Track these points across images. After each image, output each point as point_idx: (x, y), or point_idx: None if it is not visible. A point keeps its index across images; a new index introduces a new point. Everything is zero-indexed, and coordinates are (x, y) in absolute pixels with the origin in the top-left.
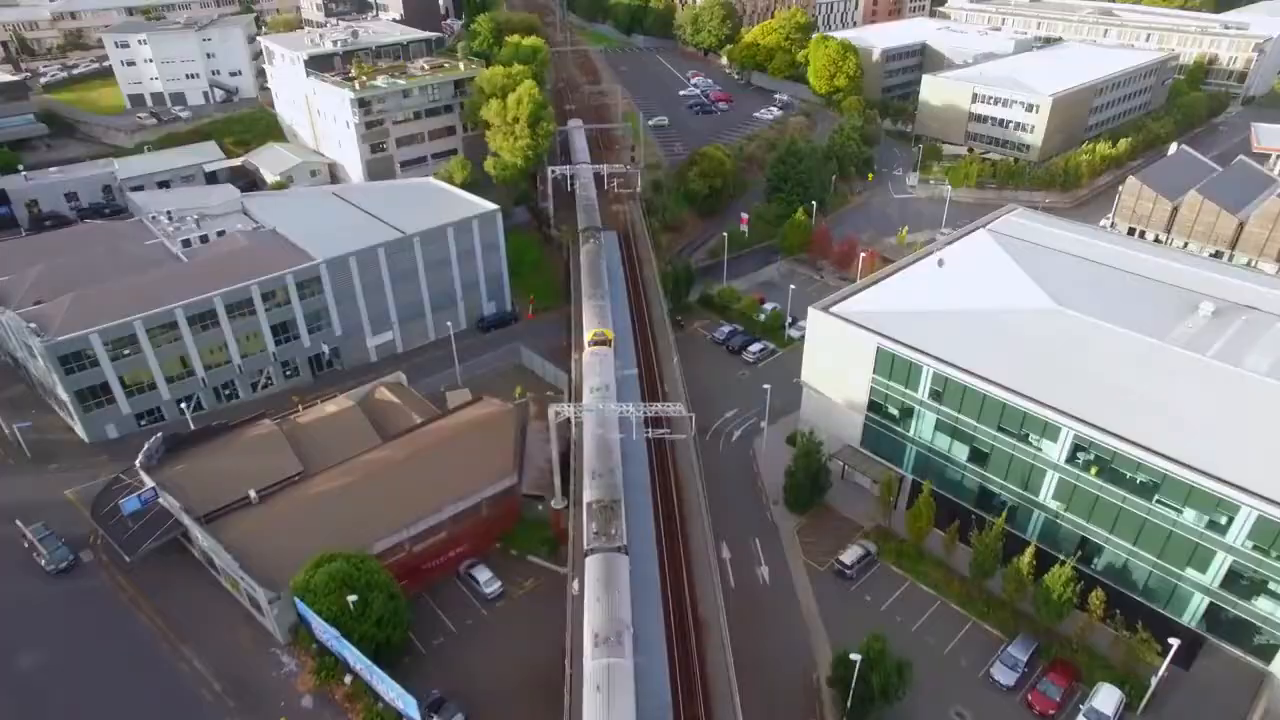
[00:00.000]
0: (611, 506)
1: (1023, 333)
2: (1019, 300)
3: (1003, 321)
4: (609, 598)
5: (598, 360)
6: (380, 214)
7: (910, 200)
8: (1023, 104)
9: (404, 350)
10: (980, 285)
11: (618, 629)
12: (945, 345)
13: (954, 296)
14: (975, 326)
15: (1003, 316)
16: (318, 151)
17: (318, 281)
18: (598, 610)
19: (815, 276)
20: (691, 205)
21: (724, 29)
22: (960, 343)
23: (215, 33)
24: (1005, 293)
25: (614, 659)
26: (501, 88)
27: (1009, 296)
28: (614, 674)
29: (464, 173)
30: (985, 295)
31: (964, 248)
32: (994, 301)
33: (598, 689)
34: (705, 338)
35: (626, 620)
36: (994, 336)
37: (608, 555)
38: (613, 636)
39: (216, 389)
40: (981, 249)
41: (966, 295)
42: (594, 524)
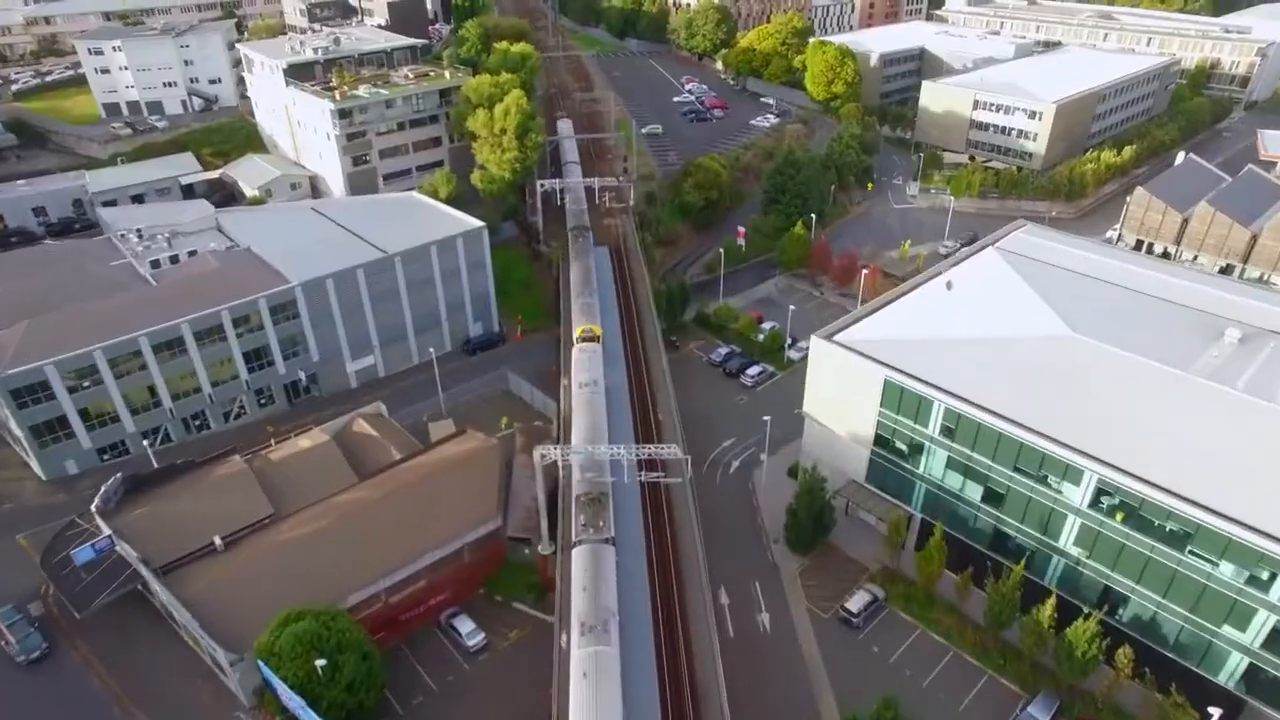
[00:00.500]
0: (600, 499)
1: (1037, 362)
2: (1032, 326)
3: (1016, 350)
4: (595, 587)
5: (586, 357)
6: (361, 231)
7: (911, 210)
8: (1025, 111)
9: (386, 374)
10: (991, 309)
11: (604, 617)
12: (956, 377)
13: (964, 322)
14: (987, 355)
15: (1016, 344)
16: (298, 163)
17: (293, 305)
18: (584, 599)
19: (815, 293)
20: (686, 218)
21: (719, 33)
22: (972, 374)
23: (193, 39)
24: (1017, 318)
25: (600, 647)
26: (488, 97)
27: (1021, 322)
28: (600, 661)
29: (449, 186)
30: (996, 320)
31: (972, 268)
32: (1006, 327)
33: (584, 676)
34: (701, 359)
35: (613, 608)
36: (1007, 366)
37: (594, 546)
38: (599, 625)
39: (186, 420)
40: (991, 269)
41: (977, 321)
42: (582, 516)
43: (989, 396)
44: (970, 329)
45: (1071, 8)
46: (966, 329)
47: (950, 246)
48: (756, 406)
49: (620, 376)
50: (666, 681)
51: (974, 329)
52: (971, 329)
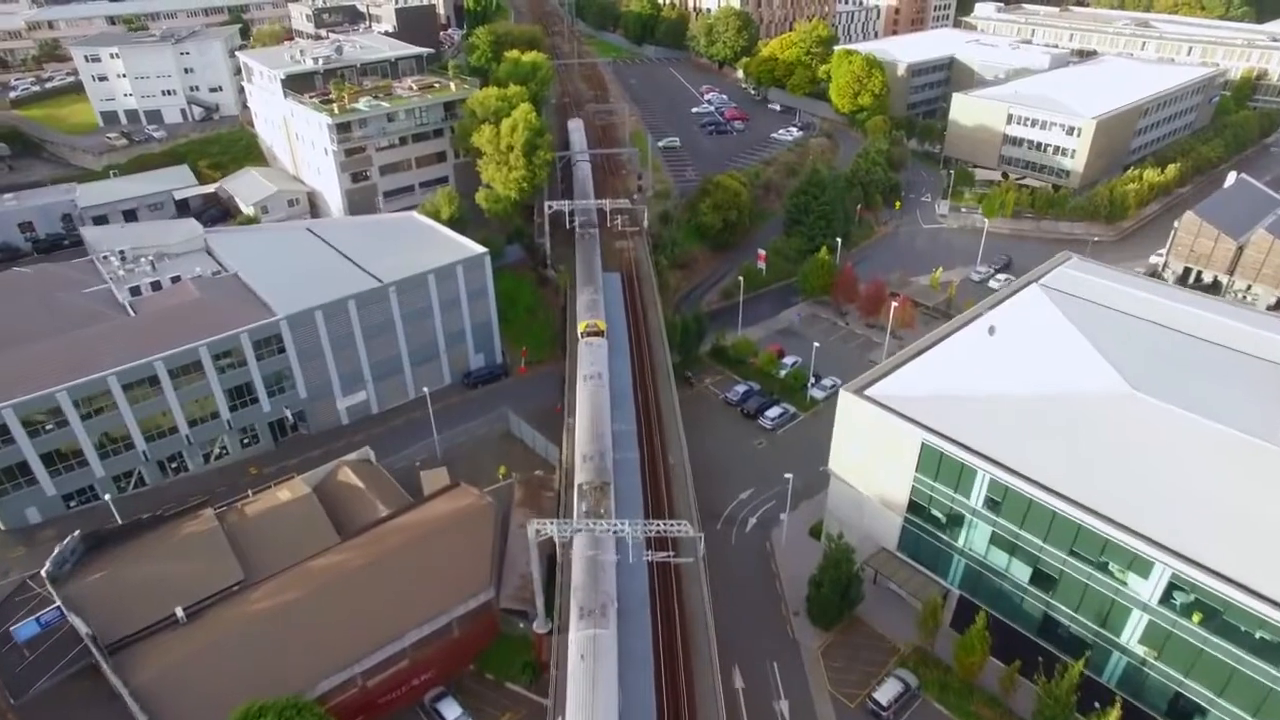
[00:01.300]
0: (602, 488)
1: (1093, 424)
2: (1085, 380)
3: (1069, 409)
4: (594, 573)
5: (590, 351)
6: (356, 256)
7: (941, 231)
8: (1062, 126)
9: (380, 410)
10: (1038, 359)
11: (603, 602)
12: (1002, 441)
13: (1009, 374)
14: (1036, 415)
15: (1068, 403)
16: (297, 178)
17: (278, 339)
18: (583, 585)
19: (839, 323)
20: (703, 240)
21: (740, 41)
22: (1019, 437)
23: (193, 46)
24: (1068, 370)
25: (599, 630)
26: (495, 111)
27: (1073, 376)
28: (598, 644)
29: (451, 207)
30: (1045, 373)
31: (1015, 308)
32: (1056, 381)
33: (582, 658)
34: (717, 397)
35: (611, 594)
36: (1059, 429)
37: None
38: (597, 609)
39: (162, 462)
40: (1036, 311)
41: (1023, 372)
42: (584, 504)
43: (1040, 466)
44: (1016, 382)
45: (1106, 15)
46: (1012, 382)
47: (983, 272)
48: (777, 452)
49: (628, 419)
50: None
51: (1020, 382)
52: (1017, 382)
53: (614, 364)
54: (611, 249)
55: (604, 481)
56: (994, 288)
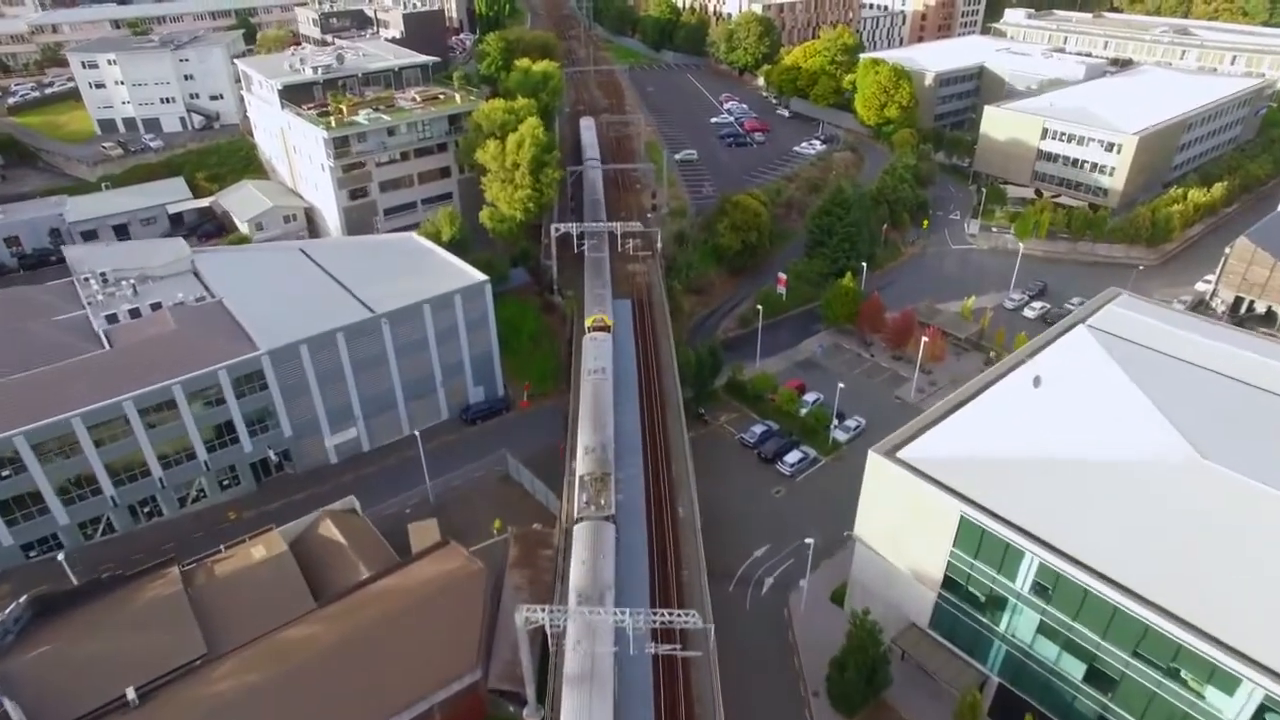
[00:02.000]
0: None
1: (1158, 499)
2: (1147, 445)
3: (1128, 480)
4: (594, 561)
5: (595, 345)
6: (349, 281)
7: (970, 253)
8: (1101, 142)
9: (372, 448)
10: (1091, 417)
11: (601, 590)
12: (1052, 515)
13: (1058, 435)
14: (1091, 486)
15: (1127, 472)
16: (295, 191)
17: (260, 375)
18: (582, 572)
19: (864, 354)
20: (720, 262)
21: (761, 47)
22: (1072, 512)
23: (193, 53)
24: (1125, 431)
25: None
26: (501, 126)
27: (1133, 438)
28: (595, 629)
29: (452, 228)
30: (1099, 434)
31: (1062, 354)
32: (1112, 445)
33: (579, 642)
34: (733, 437)
35: (609, 581)
36: (1118, 504)
37: (595, 522)
38: (595, 596)
39: (133, 507)
40: (1085, 358)
41: (1074, 433)
42: (584, 495)
43: (1097, 548)
44: (1066, 444)
45: (1142, 21)
46: (1062, 444)
47: (1018, 300)
48: (796, 503)
49: (635, 462)
50: None
51: (1071, 444)
52: (1068, 444)
53: (621, 401)
54: (623, 272)
55: (605, 473)
56: (1029, 316)
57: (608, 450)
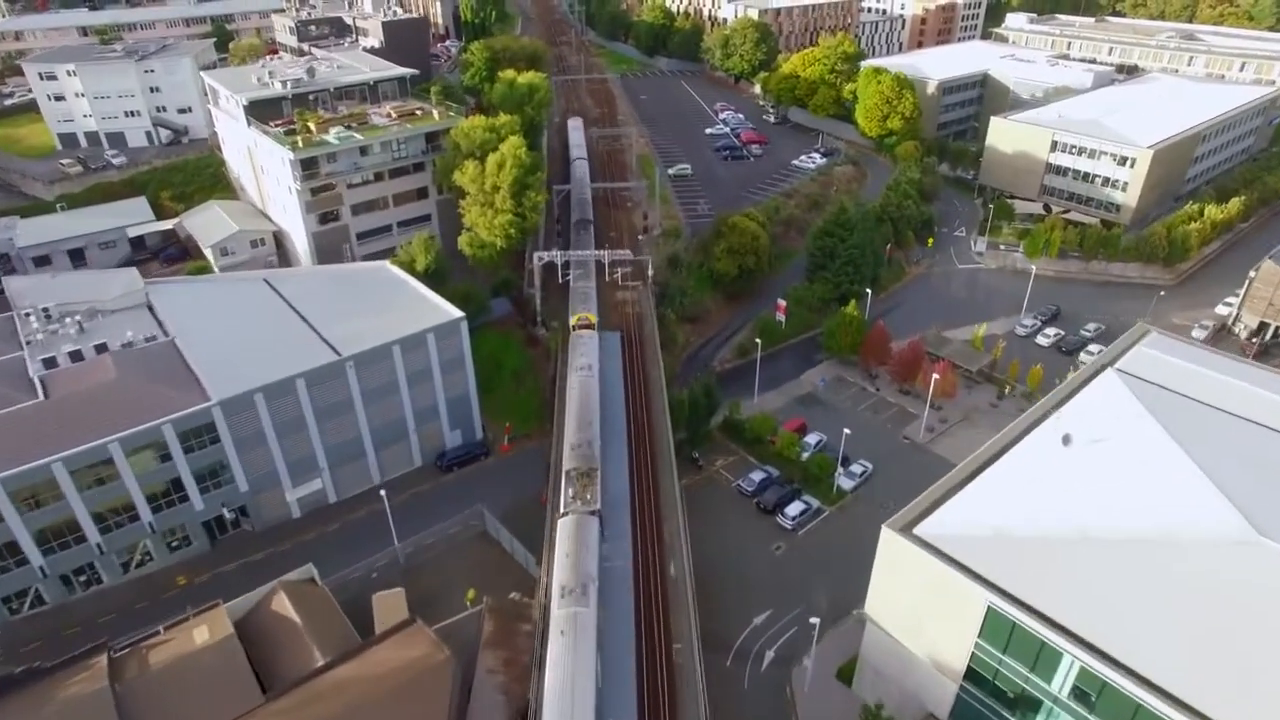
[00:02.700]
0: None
1: (1214, 587)
2: (1196, 518)
3: (1178, 562)
4: (578, 554)
5: (580, 343)
6: (314, 317)
7: (978, 273)
8: (1114, 156)
9: (339, 499)
10: (1130, 484)
11: (583, 581)
12: (1091, 604)
13: (1093, 506)
14: (1135, 569)
15: (1177, 552)
16: (265, 212)
17: (210, 428)
18: (566, 565)
19: (869, 388)
20: (716, 287)
21: (758, 54)
22: (1115, 602)
23: (159, 63)
24: (1171, 502)
25: (578, 608)
26: (481, 145)
27: (1179, 510)
28: (577, 621)
29: (428, 256)
30: (1141, 505)
31: (1092, 405)
32: (1157, 520)
33: (562, 633)
34: (729, 484)
35: (593, 573)
36: (1168, 592)
37: (580, 517)
38: (578, 588)
39: (66, 576)
40: (1117, 410)
41: (1112, 504)
42: (570, 490)
43: (1146, 650)
44: (1104, 517)
45: (1147, 26)
46: (1099, 517)
47: (1030, 325)
48: (798, 560)
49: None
50: None
51: (1110, 517)
52: (1106, 518)
53: (609, 452)
54: (611, 301)
55: (591, 468)
56: (1042, 344)
57: (594, 446)
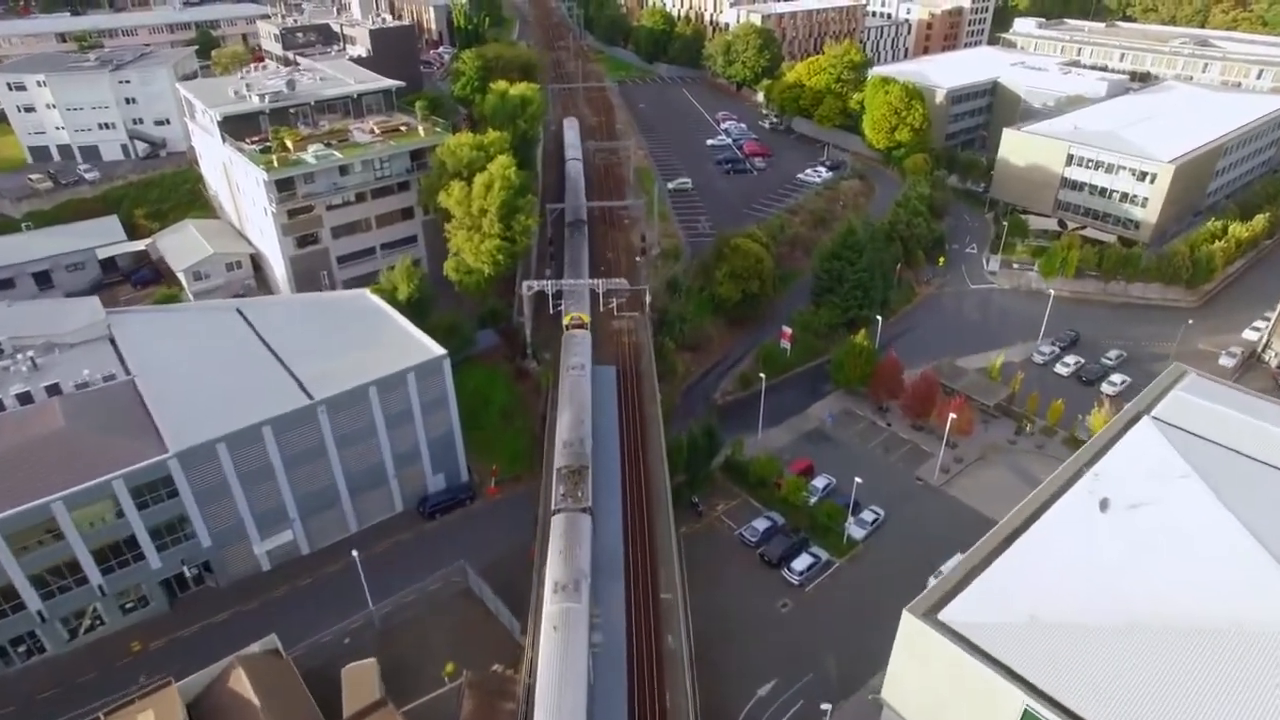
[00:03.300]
0: (580, 472)
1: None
2: (1257, 604)
3: (1246, 656)
4: (571, 551)
5: (574, 342)
6: (287, 353)
7: (991, 294)
8: (1133, 171)
9: (313, 550)
10: (1179, 557)
11: (576, 578)
12: (1143, 707)
13: (1139, 583)
14: (1195, 664)
15: (1244, 645)
16: (243, 233)
17: (167, 482)
18: (559, 562)
19: (880, 423)
20: (718, 312)
21: (761, 61)
22: (1172, 706)
23: (134, 74)
24: (1227, 582)
25: (571, 604)
26: (468, 164)
27: (1236, 593)
28: (570, 617)
29: (410, 285)
30: (1194, 583)
31: (1129, 461)
32: (1214, 601)
33: (555, 629)
34: (731, 533)
35: (585, 570)
36: (1237, 693)
37: (572, 514)
38: (571, 584)
39: (3, 647)
40: (1158, 467)
41: (1161, 582)
42: (562, 487)
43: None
44: (1152, 600)
45: (1159, 32)
46: (1149, 599)
47: (1048, 353)
48: (806, 620)
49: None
50: None
51: (1158, 599)
52: (1154, 600)
53: (602, 502)
54: (607, 330)
55: (582, 465)
56: (1061, 374)
57: (585, 444)
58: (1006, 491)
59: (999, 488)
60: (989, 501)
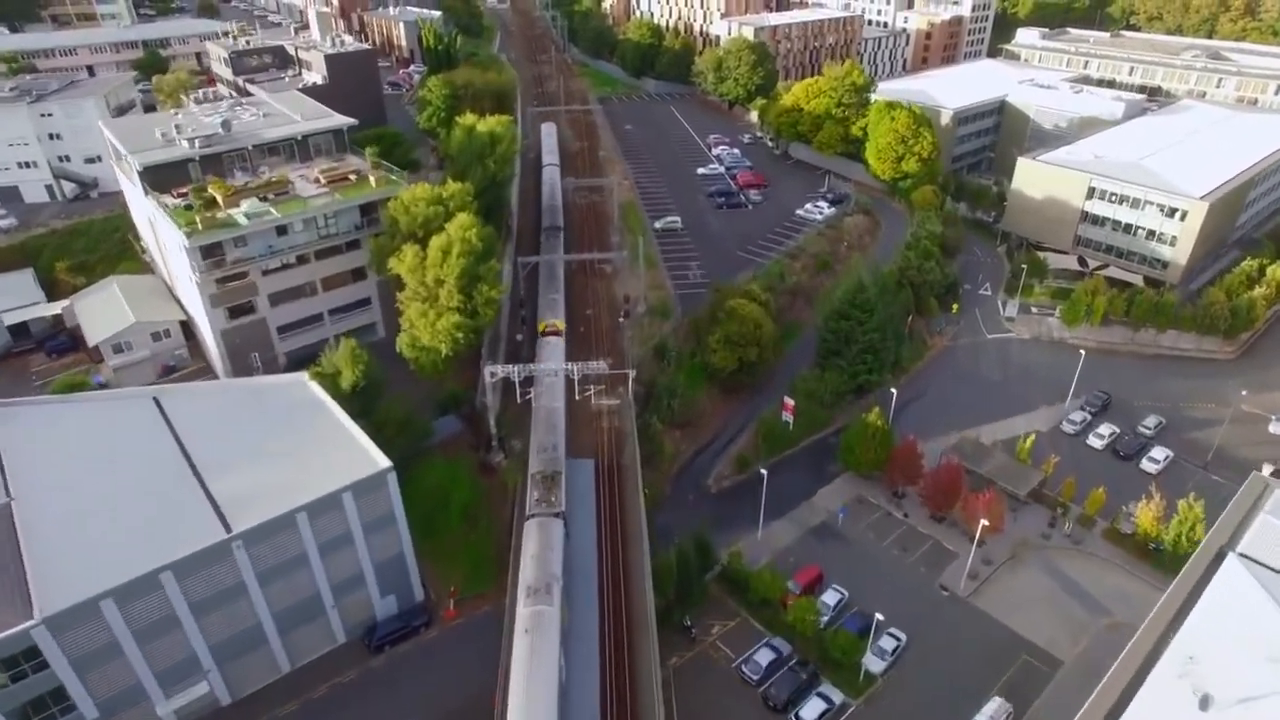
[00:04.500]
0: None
1: None
2: None
3: None
4: (543, 555)
5: (548, 348)
6: (206, 462)
7: (1010, 344)
8: (1161, 207)
9: (236, 699)
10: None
11: (547, 581)
12: None
13: None
14: None
15: None
16: (175, 293)
17: (35, 653)
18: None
19: (896, 514)
20: (711, 380)
21: (755, 78)
22: None
23: (58, 106)
24: None
25: (543, 606)
26: (424, 223)
27: None
28: (541, 619)
29: (355, 371)
30: None
31: (1221, 625)
32: None
33: (526, 632)
34: (728, 665)
35: (557, 574)
36: None
37: (545, 519)
38: (542, 588)
39: None
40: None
41: None
42: (536, 492)
43: None
44: None
45: (1167, 42)
46: None
47: (1079, 421)
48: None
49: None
50: None
51: None
52: None
53: (575, 646)
54: (585, 414)
55: (555, 471)
56: (1095, 446)
57: (559, 450)
58: (1045, 603)
59: (1036, 598)
60: (1026, 617)
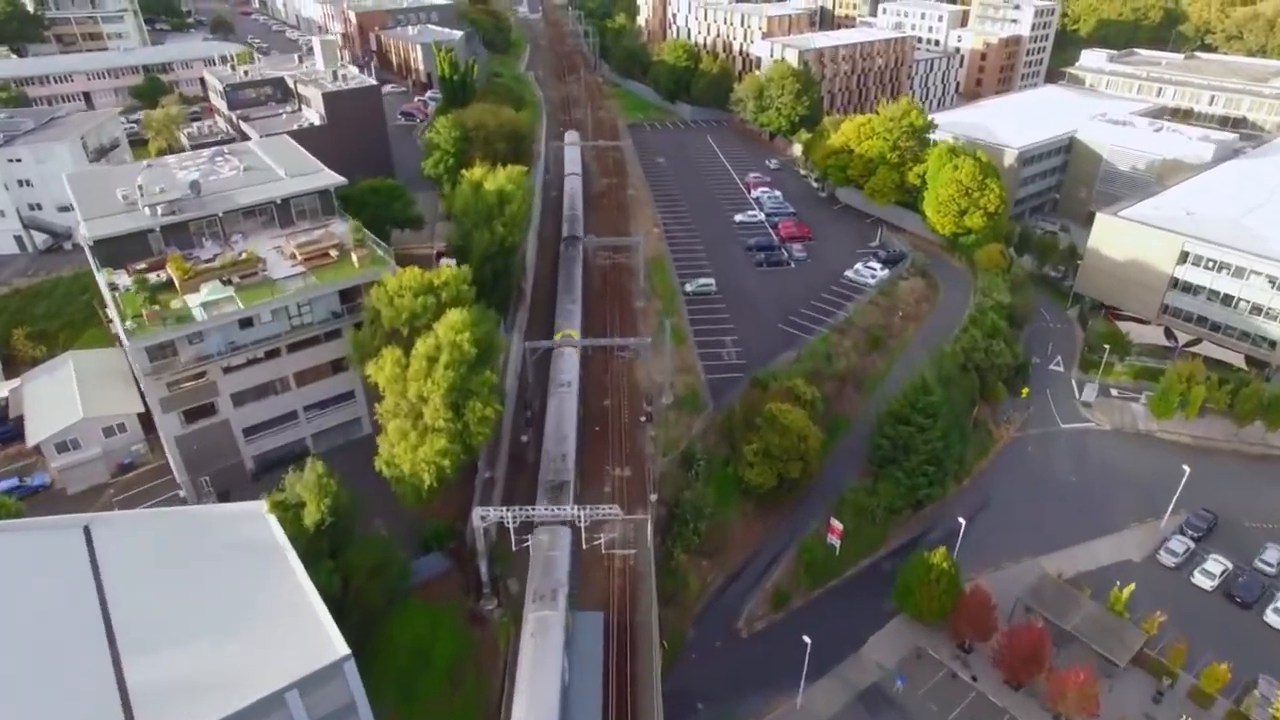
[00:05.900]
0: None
1: None
2: None
3: None
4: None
5: (561, 359)
6: (128, 624)
7: (1088, 435)
8: (1271, 280)
9: None
10: None
11: (554, 587)
12: None
13: None
14: None
15: None
16: None
17: None
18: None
19: (964, 676)
20: (745, 494)
21: (799, 108)
22: None
23: (26, 150)
24: None
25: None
26: (411, 318)
27: None
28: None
29: (321, 508)
30: None
31: None
32: None
33: (532, 635)
34: None
35: (563, 580)
36: None
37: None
38: (548, 594)
39: None
40: None
41: None
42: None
43: None
44: None
45: (1248, 66)
46: None
47: (1180, 552)
48: None
49: None
50: None
51: None
52: None
53: None
54: (592, 555)
55: (563, 480)
56: (1204, 587)
57: (568, 460)
58: None
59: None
60: None
